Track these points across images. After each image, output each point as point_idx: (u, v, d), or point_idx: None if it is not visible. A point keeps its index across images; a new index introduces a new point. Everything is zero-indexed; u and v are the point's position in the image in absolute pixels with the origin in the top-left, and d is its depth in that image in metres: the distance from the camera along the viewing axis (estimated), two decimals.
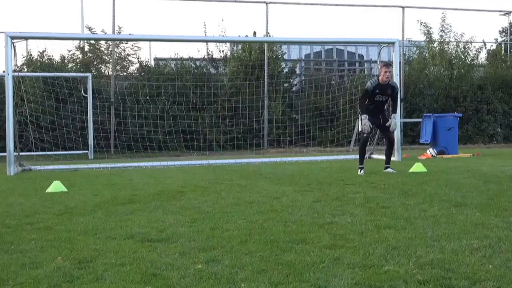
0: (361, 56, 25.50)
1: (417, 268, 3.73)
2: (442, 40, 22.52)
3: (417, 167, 10.30)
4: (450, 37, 22.52)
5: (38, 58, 20.38)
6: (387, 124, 10.38)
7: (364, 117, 10.07)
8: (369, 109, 10.22)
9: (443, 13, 22.31)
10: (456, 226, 5.01)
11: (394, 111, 10.76)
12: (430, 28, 22.40)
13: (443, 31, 22.45)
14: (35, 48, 22.45)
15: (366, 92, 10.25)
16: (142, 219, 5.72)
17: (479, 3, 34.53)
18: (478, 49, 23.07)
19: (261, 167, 12.54)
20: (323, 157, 14.75)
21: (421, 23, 22.26)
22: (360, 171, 10.10)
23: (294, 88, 22.07)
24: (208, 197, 7.39)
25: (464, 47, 22.60)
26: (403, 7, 20.99)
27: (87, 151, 18.20)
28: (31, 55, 20.52)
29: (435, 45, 22.57)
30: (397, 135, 13.69)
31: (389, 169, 10.27)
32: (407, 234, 4.73)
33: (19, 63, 16.39)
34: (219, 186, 8.58)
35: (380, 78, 10.17)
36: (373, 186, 8.12)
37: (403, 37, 21.11)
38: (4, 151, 12.52)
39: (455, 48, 22.60)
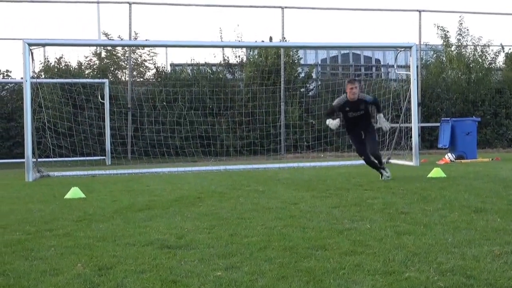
0: (377, 60, 25.40)
1: (438, 275, 3.70)
2: (459, 44, 22.39)
3: (436, 172, 10.23)
4: (467, 41, 22.40)
5: (56, 65, 20.56)
6: (378, 125, 10.01)
7: (328, 120, 9.85)
8: (348, 128, 10.01)
9: (460, 16, 22.24)
10: (477, 232, 4.96)
11: (379, 111, 10.07)
12: (447, 32, 22.32)
13: (461, 34, 22.34)
14: (53, 54, 22.60)
15: (331, 108, 10.12)
16: (161, 226, 5.72)
17: (497, 6, 34.27)
18: (496, 52, 22.92)
19: (278, 172, 12.53)
20: (340, 163, 14.70)
21: (438, 27, 22.20)
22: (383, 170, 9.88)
23: (310, 93, 22.02)
24: (226, 203, 7.39)
25: (481, 51, 22.46)
26: (420, 11, 20.91)
27: (104, 157, 18.31)
28: (48, 61, 20.68)
29: (452, 49, 22.45)
30: (414, 139, 13.65)
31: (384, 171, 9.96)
32: (427, 240, 4.69)
33: (36, 70, 16.51)
34: (236, 192, 8.58)
35: (347, 95, 9.70)
36: (392, 191, 8.06)
37: (420, 41, 21.03)
38: (23, 157, 12.60)
39: (472, 52, 22.46)
